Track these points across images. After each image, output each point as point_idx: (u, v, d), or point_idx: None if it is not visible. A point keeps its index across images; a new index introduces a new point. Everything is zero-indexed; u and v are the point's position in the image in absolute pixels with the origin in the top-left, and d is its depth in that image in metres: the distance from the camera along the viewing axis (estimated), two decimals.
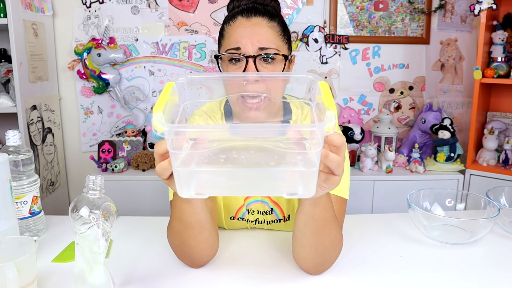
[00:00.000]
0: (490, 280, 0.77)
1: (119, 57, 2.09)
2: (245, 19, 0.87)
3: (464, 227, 0.91)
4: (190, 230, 0.79)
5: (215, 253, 0.86)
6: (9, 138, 0.90)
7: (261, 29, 0.86)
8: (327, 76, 2.25)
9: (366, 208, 2.02)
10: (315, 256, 0.77)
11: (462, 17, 2.21)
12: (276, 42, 0.86)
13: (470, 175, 1.98)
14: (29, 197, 0.92)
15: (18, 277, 0.62)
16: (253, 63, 0.84)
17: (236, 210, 0.99)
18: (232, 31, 0.87)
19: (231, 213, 1.00)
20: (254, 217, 1.00)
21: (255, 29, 0.85)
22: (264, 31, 0.86)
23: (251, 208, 1.00)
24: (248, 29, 0.85)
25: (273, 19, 0.88)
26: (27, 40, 1.85)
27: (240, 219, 1.01)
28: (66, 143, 2.27)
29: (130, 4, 2.13)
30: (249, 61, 0.84)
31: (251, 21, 0.86)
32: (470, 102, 2.27)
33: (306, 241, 0.76)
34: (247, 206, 0.99)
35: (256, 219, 1.00)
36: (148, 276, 0.79)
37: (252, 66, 0.84)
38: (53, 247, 0.89)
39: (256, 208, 0.99)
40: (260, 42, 0.84)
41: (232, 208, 0.99)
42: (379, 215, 1.10)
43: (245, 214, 1.00)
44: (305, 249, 0.77)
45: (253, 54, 0.84)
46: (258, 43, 0.84)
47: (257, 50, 0.84)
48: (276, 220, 0.99)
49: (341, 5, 2.18)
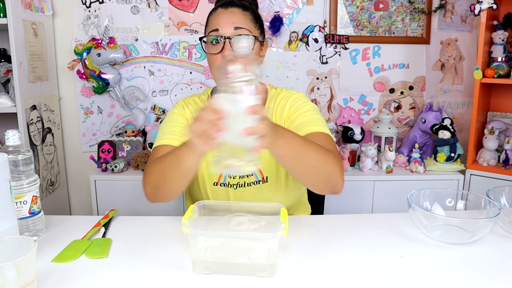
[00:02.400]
0: (490, 280, 0.77)
1: (119, 57, 2.09)
2: (223, 9, 1.08)
3: (465, 227, 0.91)
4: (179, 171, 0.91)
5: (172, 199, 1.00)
6: (9, 138, 0.89)
7: (236, 15, 1.06)
8: (327, 76, 2.25)
9: (366, 208, 2.02)
10: (314, 176, 0.93)
11: (462, 17, 2.20)
12: (249, 25, 1.07)
13: (471, 175, 1.98)
14: (28, 197, 0.91)
15: (18, 277, 0.62)
16: (228, 42, 1.03)
17: (218, 175, 1.14)
18: (213, 18, 1.09)
19: (214, 178, 1.14)
20: (236, 181, 1.14)
21: (231, 15, 1.06)
22: (238, 16, 1.06)
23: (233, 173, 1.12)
24: (225, 15, 1.06)
25: (246, 9, 1.09)
26: (26, 40, 1.85)
27: (223, 184, 1.14)
28: (66, 143, 2.27)
29: (130, 4, 2.12)
30: (226, 41, 1.03)
31: (228, 10, 1.07)
32: (470, 102, 2.27)
33: (297, 173, 0.93)
34: None
35: (237, 182, 1.14)
36: (148, 276, 0.78)
37: (228, 44, 1.03)
38: (53, 247, 0.89)
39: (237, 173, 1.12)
40: (235, 23, 1.04)
41: (213, 174, 1.13)
42: (379, 215, 1.10)
43: (226, 179, 1.14)
44: (303, 177, 0.94)
45: (229, 35, 1.03)
46: (233, 24, 1.04)
47: (233, 30, 1.04)
48: (256, 182, 1.14)
49: (341, 5, 2.18)
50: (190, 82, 2.22)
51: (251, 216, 0.89)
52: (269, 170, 1.15)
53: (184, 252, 0.86)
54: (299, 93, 1.18)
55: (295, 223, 1.03)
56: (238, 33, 1.04)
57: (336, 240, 0.94)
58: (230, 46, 1.03)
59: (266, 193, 1.15)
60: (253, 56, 1.04)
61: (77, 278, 0.78)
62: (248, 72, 0.71)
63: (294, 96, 1.16)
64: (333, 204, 1.96)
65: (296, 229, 0.98)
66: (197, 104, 1.19)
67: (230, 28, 1.04)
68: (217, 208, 0.91)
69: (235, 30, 1.04)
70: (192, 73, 2.21)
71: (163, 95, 2.22)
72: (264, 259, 0.81)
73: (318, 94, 2.27)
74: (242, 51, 0.76)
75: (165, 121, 1.17)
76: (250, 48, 0.74)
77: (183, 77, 2.21)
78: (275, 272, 0.78)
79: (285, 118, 1.14)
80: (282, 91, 1.20)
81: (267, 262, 0.79)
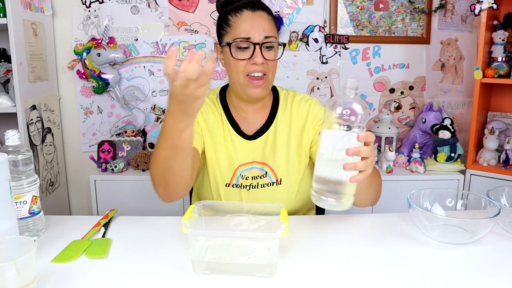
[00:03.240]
0: (491, 280, 0.77)
1: (118, 57, 2.09)
2: (251, 12, 1.06)
3: (465, 227, 0.91)
4: (179, 155, 0.89)
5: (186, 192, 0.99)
6: (9, 138, 0.89)
7: (264, 21, 1.06)
8: (327, 76, 2.25)
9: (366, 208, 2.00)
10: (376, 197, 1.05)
11: (462, 17, 2.20)
12: (274, 32, 1.07)
13: (471, 175, 1.98)
14: (28, 197, 0.91)
15: (18, 277, 0.62)
16: (259, 48, 1.04)
17: (230, 176, 1.14)
18: (240, 21, 1.05)
19: (226, 179, 1.14)
20: (248, 182, 1.14)
21: (260, 21, 1.05)
22: (267, 23, 1.06)
23: (245, 174, 1.14)
24: (255, 20, 1.05)
25: (269, 13, 1.08)
26: (26, 40, 1.85)
27: (235, 185, 1.13)
28: (65, 143, 2.27)
29: (130, 4, 2.12)
30: (256, 48, 1.03)
31: (256, 14, 1.06)
32: (470, 102, 2.27)
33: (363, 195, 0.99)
34: (242, 172, 1.14)
35: (250, 184, 1.14)
36: (148, 276, 0.78)
37: (258, 51, 1.04)
38: (53, 247, 0.89)
39: (250, 174, 1.14)
40: (266, 31, 1.04)
41: (226, 175, 1.14)
42: (379, 215, 1.10)
43: (239, 180, 1.13)
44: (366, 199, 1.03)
45: (259, 42, 1.03)
46: (264, 32, 1.04)
47: (263, 38, 1.04)
48: (269, 183, 1.14)
49: (341, 4, 2.18)
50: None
51: (251, 216, 0.89)
52: (284, 172, 1.14)
53: (184, 252, 0.86)
54: (314, 99, 1.20)
55: (295, 223, 1.03)
56: (268, 42, 1.04)
57: (336, 240, 0.94)
58: (261, 52, 1.04)
59: (279, 195, 1.14)
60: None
61: (77, 278, 0.77)
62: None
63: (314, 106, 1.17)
64: None
65: (296, 229, 0.98)
66: (207, 104, 1.16)
67: (261, 36, 1.04)
68: (217, 208, 0.91)
69: (265, 38, 1.04)
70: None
71: (163, 95, 2.22)
72: (264, 259, 0.81)
73: (318, 94, 2.27)
74: (354, 92, 0.77)
75: None
76: (357, 88, 0.77)
77: None
78: (275, 272, 0.78)
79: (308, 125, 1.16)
80: (296, 94, 1.20)
81: (267, 262, 0.79)
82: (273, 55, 1.07)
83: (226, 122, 1.15)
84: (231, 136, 1.14)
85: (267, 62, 1.05)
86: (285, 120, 1.16)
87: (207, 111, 1.15)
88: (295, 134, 1.15)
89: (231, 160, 1.13)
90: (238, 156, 1.14)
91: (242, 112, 1.15)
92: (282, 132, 1.15)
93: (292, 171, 1.15)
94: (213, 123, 1.14)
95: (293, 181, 1.15)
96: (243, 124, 1.16)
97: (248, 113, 1.15)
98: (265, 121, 1.15)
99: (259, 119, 1.16)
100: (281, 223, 0.78)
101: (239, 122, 1.15)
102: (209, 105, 1.16)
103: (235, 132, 1.14)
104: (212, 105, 1.16)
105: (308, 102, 1.17)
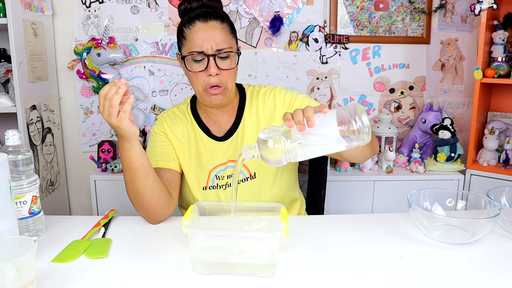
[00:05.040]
0: (491, 280, 0.77)
1: (118, 57, 2.09)
2: (203, 23, 1.05)
3: (465, 227, 0.91)
4: (137, 175, 0.97)
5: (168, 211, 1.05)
6: (9, 138, 0.89)
7: (216, 32, 1.05)
8: (327, 76, 2.25)
9: (366, 208, 2.02)
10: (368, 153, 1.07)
11: (462, 17, 2.20)
12: (228, 42, 1.06)
13: (471, 175, 1.98)
14: (28, 197, 0.91)
15: (18, 277, 0.62)
16: (213, 60, 1.04)
17: (206, 179, 1.16)
18: (193, 34, 1.05)
19: (202, 183, 1.16)
20: (224, 181, 1.16)
21: (212, 33, 1.05)
22: (219, 33, 1.05)
23: (220, 175, 1.16)
24: (206, 33, 1.04)
25: (223, 21, 1.07)
26: (26, 40, 1.85)
27: (211, 187, 1.16)
28: (65, 143, 2.27)
29: (130, 4, 2.12)
30: (210, 59, 1.04)
31: (208, 25, 1.05)
32: (470, 102, 2.27)
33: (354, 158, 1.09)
34: (217, 173, 1.16)
35: (226, 183, 1.16)
36: (148, 276, 0.78)
37: (212, 63, 1.04)
38: (53, 247, 0.89)
39: (225, 174, 1.16)
40: (218, 44, 1.04)
41: (201, 179, 1.16)
42: (379, 215, 1.10)
43: (214, 181, 1.16)
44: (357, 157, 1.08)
45: (213, 53, 1.04)
46: (216, 45, 1.04)
47: (215, 51, 1.04)
48: (244, 179, 1.16)
49: (341, 4, 2.18)
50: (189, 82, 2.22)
51: (251, 216, 0.89)
52: (256, 166, 1.16)
53: (184, 252, 0.87)
54: (278, 86, 1.22)
55: (295, 223, 1.03)
56: (221, 54, 1.05)
57: (336, 240, 0.94)
58: (215, 62, 1.05)
59: (253, 189, 1.16)
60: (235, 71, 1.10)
61: (77, 278, 0.77)
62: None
63: (279, 93, 1.19)
64: (333, 204, 1.97)
65: (296, 229, 0.98)
66: (176, 116, 1.20)
67: (213, 48, 1.04)
68: (217, 208, 0.91)
69: (217, 51, 1.04)
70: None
71: (163, 95, 2.22)
72: (264, 259, 0.81)
73: (318, 94, 2.27)
74: None
75: (149, 141, 1.21)
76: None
77: (183, 77, 2.20)
78: (275, 272, 0.78)
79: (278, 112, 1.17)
80: (261, 88, 1.22)
81: (267, 262, 0.79)
82: (229, 64, 1.07)
83: (197, 128, 1.18)
84: (202, 140, 1.18)
85: (222, 72, 1.06)
86: (251, 116, 1.18)
87: (175, 123, 1.19)
88: (265, 125, 1.17)
89: (204, 164, 1.17)
90: (212, 159, 1.17)
91: (212, 115, 1.19)
92: (250, 128, 1.17)
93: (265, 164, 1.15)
94: (183, 133, 1.18)
95: (267, 173, 1.17)
96: (214, 127, 1.19)
97: (217, 115, 1.18)
98: (234, 121, 1.19)
99: (229, 120, 1.19)
100: (281, 223, 0.78)
101: (210, 126, 1.19)
102: (178, 116, 1.20)
103: (206, 135, 1.18)
104: (182, 116, 1.20)
105: (272, 92, 1.20)
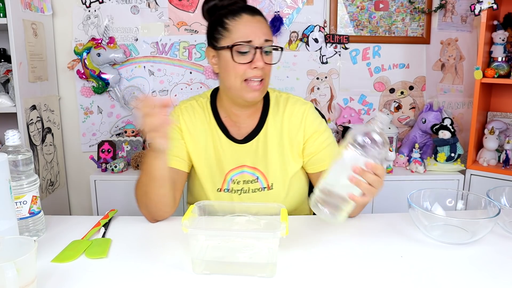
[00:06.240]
0: (491, 280, 0.77)
1: (118, 57, 2.09)
2: (250, 16, 1.05)
3: (465, 227, 0.91)
4: (153, 182, 0.99)
5: (169, 213, 1.06)
6: (9, 138, 0.89)
7: (263, 25, 1.06)
8: (327, 76, 2.25)
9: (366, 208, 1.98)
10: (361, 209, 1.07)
11: (462, 17, 2.20)
12: (272, 37, 1.08)
13: (471, 175, 1.98)
14: (28, 197, 0.91)
15: (18, 277, 0.62)
16: (260, 53, 1.03)
17: (221, 181, 1.13)
18: (240, 25, 1.04)
19: (217, 184, 1.14)
20: (240, 186, 1.13)
21: (260, 25, 1.05)
22: (266, 27, 1.06)
23: (236, 179, 1.13)
24: (255, 24, 1.04)
25: (265, 19, 1.08)
26: (26, 40, 1.85)
27: (226, 190, 1.13)
28: (65, 143, 2.26)
29: (130, 4, 2.12)
30: (257, 52, 1.03)
31: (255, 19, 1.05)
32: (470, 102, 2.27)
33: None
34: (232, 177, 1.13)
35: (241, 188, 1.13)
36: (148, 276, 0.78)
37: (259, 55, 1.03)
38: (53, 247, 0.89)
39: (241, 178, 1.13)
40: (265, 35, 1.04)
41: (216, 180, 1.14)
42: (379, 215, 1.10)
43: (230, 184, 1.13)
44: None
45: (260, 45, 1.03)
46: (264, 36, 1.04)
47: (263, 42, 1.03)
48: (260, 189, 1.13)
49: (341, 4, 2.18)
50: (190, 82, 2.22)
51: (251, 216, 0.89)
52: (275, 177, 1.13)
53: (184, 252, 0.86)
54: (309, 103, 1.17)
55: (295, 223, 1.03)
56: (267, 46, 1.04)
57: (336, 240, 0.94)
58: (261, 57, 1.03)
59: (270, 200, 1.13)
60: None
61: (77, 278, 0.77)
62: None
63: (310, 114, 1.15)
64: None
65: (296, 229, 0.98)
66: (195, 110, 1.15)
67: (261, 39, 1.03)
68: (217, 208, 0.91)
69: (265, 42, 1.04)
70: (192, 73, 2.21)
71: (163, 95, 2.22)
72: (264, 259, 0.81)
73: (318, 94, 2.27)
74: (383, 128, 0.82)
75: None
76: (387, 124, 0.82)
77: (183, 77, 2.21)
78: (275, 272, 0.78)
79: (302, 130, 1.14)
80: (290, 96, 1.18)
81: (267, 262, 0.79)
82: (272, 59, 1.08)
83: (216, 127, 1.14)
84: (221, 141, 1.14)
85: (266, 66, 1.05)
86: (276, 124, 1.14)
87: (193, 119, 1.14)
88: (287, 138, 1.14)
89: (221, 165, 1.13)
90: (228, 161, 1.13)
91: (234, 116, 1.14)
92: (273, 136, 1.14)
93: (283, 176, 1.14)
94: (200, 131, 1.14)
95: (283, 186, 1.15)
96: (234, 128, 1.15)
97: (239, 117, 1.14)
98: (256, 125, 1.14)
99: (250, 123, 1.15)
100: (281, 223, 0.78)
101: (229, 127, 1.15)
102: (197, 111, 1.15)
103: (225, 136, 1.14)
104: (201, 111, 1.15)
105: (303, 107, 1.15)
